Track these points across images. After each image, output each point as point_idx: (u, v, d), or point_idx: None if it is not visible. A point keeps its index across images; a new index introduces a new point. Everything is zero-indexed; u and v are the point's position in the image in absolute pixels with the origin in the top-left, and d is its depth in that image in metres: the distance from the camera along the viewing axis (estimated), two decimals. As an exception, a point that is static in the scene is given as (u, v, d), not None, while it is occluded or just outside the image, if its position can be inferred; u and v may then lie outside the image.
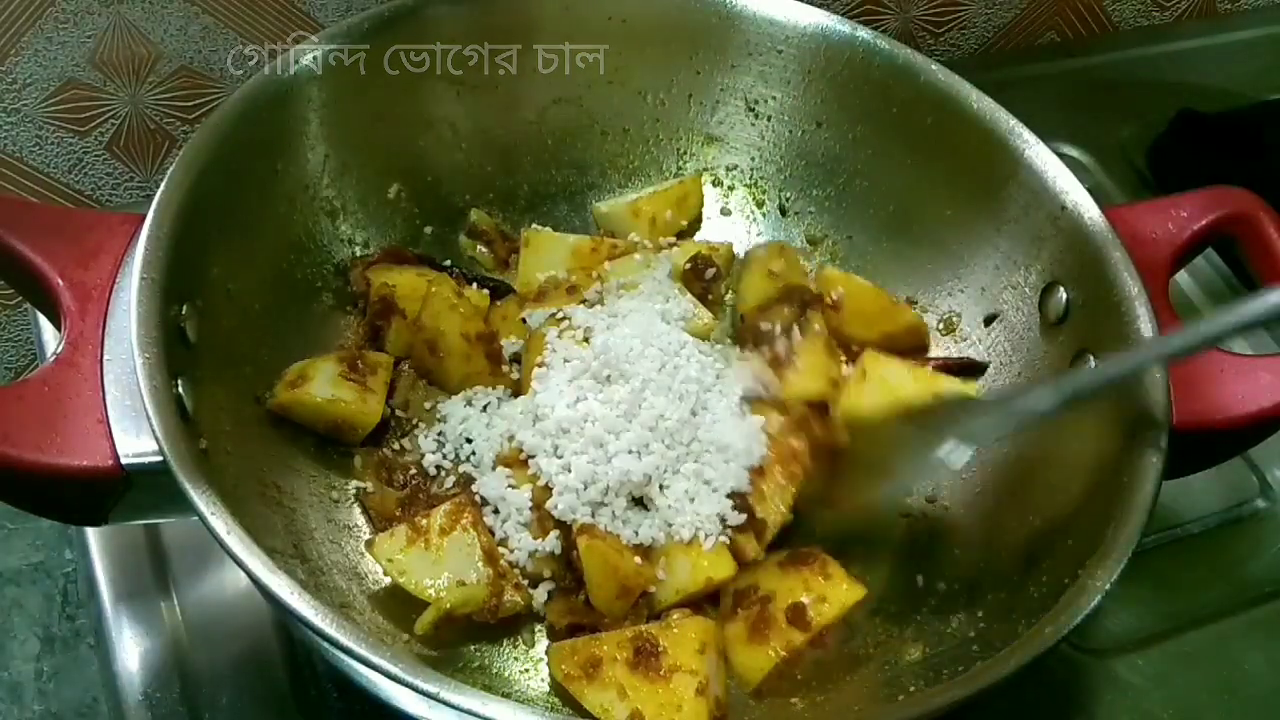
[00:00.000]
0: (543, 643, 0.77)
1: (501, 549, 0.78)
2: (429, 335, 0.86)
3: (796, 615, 0.75)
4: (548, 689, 0.75)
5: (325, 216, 0.90)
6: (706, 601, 0.79)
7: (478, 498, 0.79)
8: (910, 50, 0.91)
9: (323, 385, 0.81)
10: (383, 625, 0.75)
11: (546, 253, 0.93)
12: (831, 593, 0.77)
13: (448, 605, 0.74)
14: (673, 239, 0.97)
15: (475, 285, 0.91)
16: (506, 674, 0.76)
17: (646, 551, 0.78)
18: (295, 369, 0.82)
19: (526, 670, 0.76)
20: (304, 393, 0.81)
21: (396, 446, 0.84)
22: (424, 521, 0.76)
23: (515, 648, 0.78)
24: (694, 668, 0.72)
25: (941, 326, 0.92)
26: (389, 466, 0.83)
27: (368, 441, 0.84)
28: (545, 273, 0.92)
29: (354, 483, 0.83)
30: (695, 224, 0.99)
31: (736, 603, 0.78)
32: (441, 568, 0.75)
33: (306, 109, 0.86)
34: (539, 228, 0.95)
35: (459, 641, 0.76)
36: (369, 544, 0.77)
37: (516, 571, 0.78)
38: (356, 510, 0.82)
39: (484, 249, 0.96)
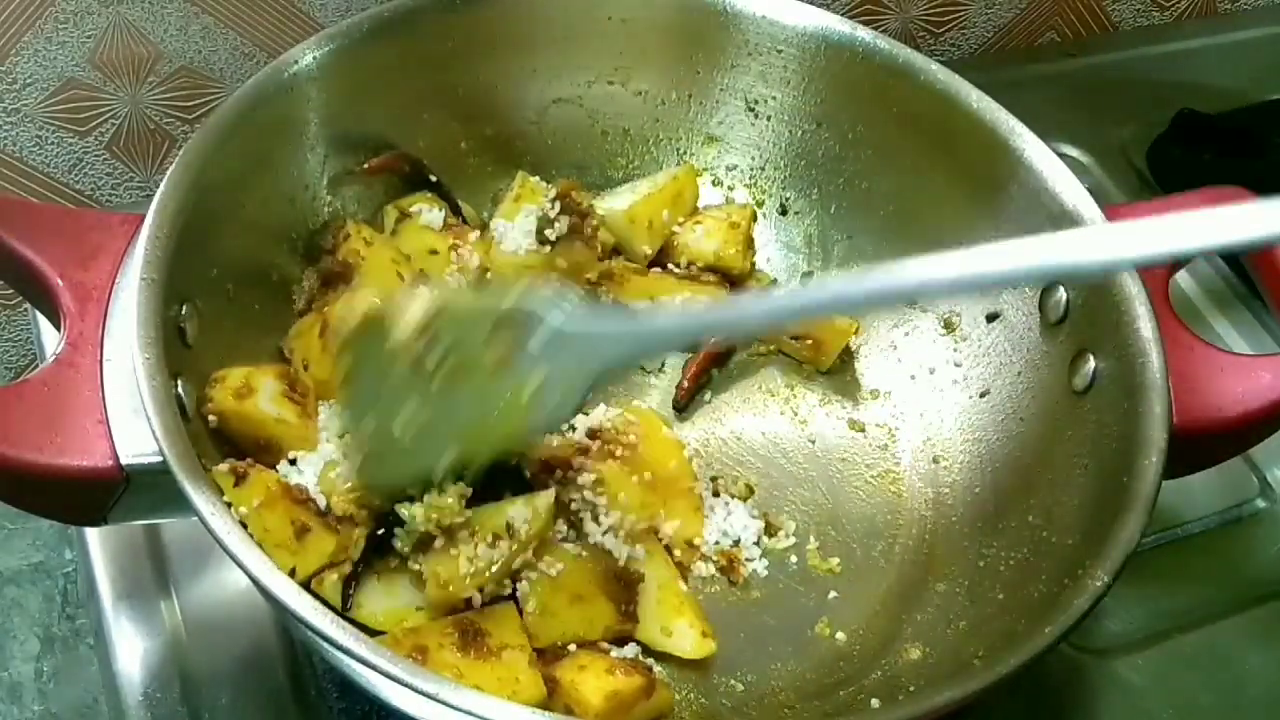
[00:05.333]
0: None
1: None
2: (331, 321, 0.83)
3: None
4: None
5: (325, 217, 0.89)
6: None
7: None
8: (910, 50, 0.91)
9: (267, 400, 0.77)
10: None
11: (530, 201, 0.92)
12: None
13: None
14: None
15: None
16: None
17: None
18: (236, 376, 0.77)
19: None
20: (250, 404, 0.76)
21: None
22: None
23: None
24: (521, 642, 0.72)
25: (942, 326, 0.92)
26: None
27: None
28: (518, 222, 0.91)
29: None
30: (691, 216, 0.99)
31: None
32: (395, 598, 0.74)
33: (306, 109, 0.86)
34: (535, 180, 0.94)
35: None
36: (318, 582, 0.73)
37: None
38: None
39: None
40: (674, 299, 0.91)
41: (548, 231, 0.89)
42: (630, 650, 0.76)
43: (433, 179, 0.92)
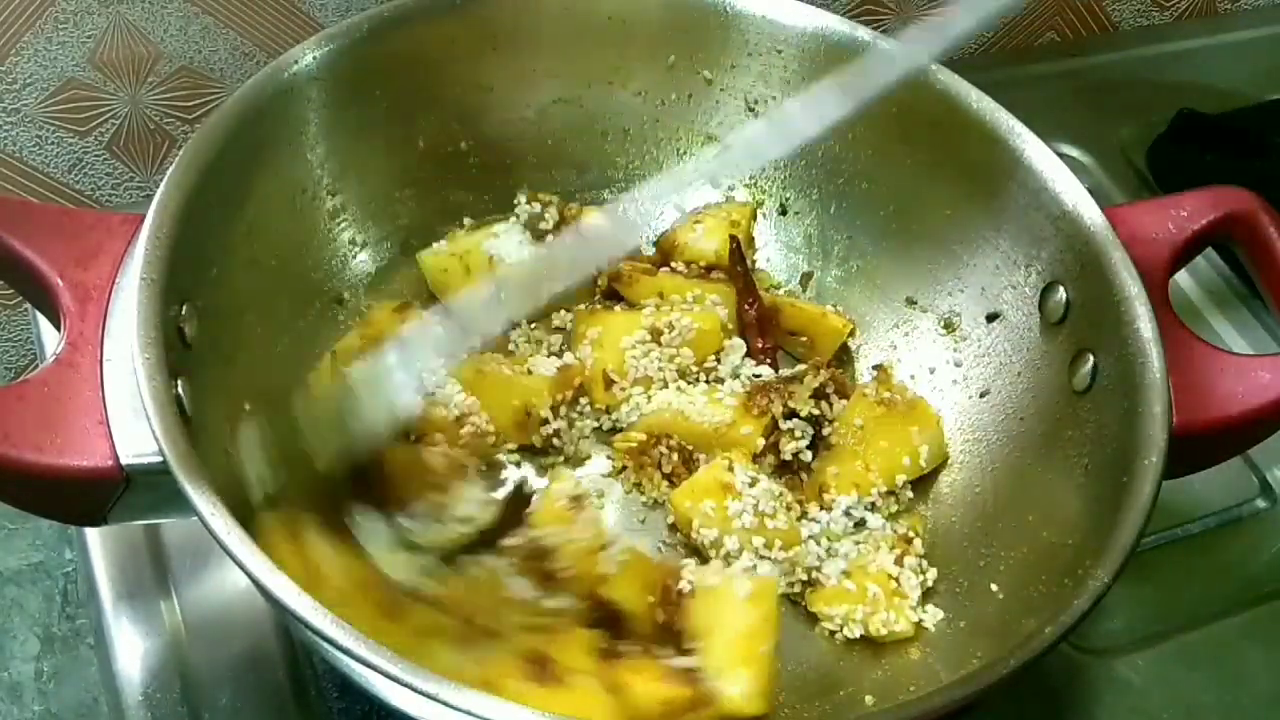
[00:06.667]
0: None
1: None
2: None
3: None
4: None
5: (325, 217, 0.89)
6: None
7: None
8: (910, 50, 0.91)
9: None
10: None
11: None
12: None
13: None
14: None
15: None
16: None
17: None
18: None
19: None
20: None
21: None
22: None
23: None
24: (589, 668, 0.72)
25: (942, 326, 0.93)
26: None
27: None
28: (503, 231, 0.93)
29: None
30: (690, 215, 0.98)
31: None
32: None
33: (306, 109, 0.86)
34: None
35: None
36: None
37: None
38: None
39: None
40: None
41: (541, 225, 0.91)
42: (691, 661, 0.74)
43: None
